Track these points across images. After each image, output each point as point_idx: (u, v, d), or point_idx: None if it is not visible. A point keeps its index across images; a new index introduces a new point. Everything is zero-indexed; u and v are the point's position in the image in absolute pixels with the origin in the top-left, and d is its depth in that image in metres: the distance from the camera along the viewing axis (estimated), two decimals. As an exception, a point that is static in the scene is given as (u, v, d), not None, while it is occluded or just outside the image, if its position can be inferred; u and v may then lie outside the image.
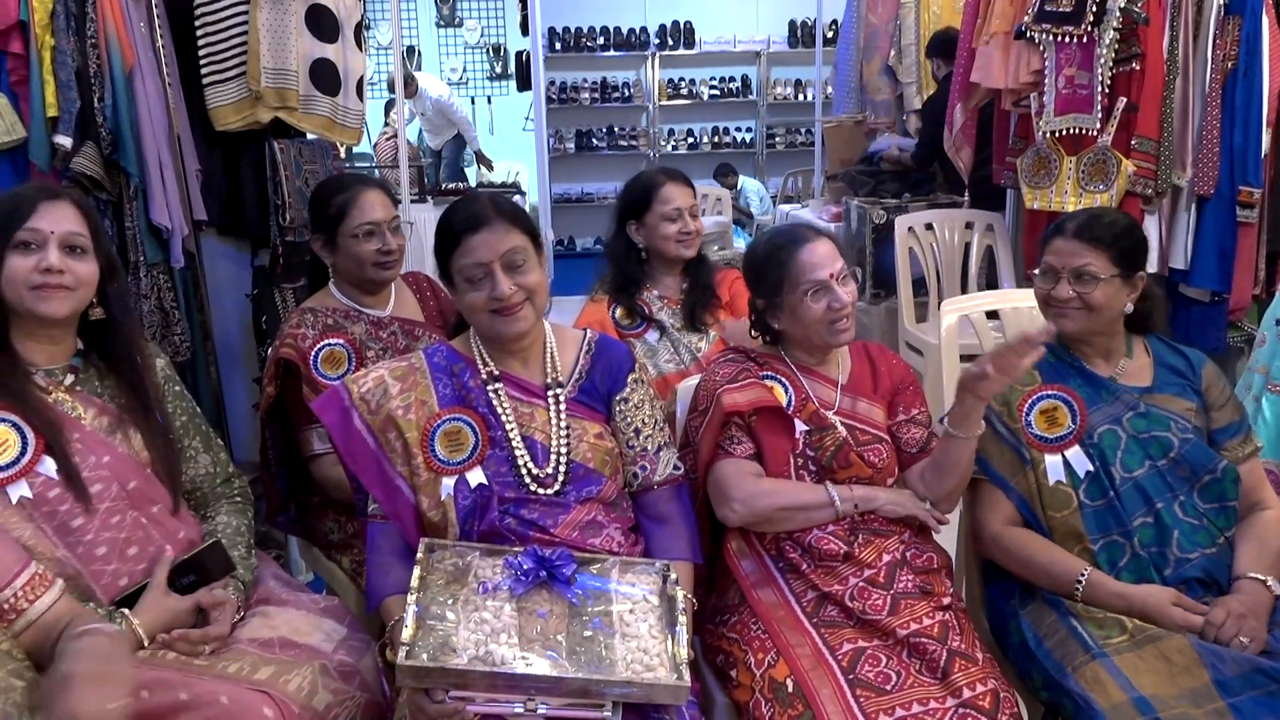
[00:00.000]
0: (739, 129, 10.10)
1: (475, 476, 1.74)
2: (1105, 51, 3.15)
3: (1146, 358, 2.00)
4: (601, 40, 9.69)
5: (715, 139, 10.01)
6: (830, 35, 7.84)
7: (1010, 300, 2.86)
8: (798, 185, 8.08)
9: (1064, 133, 3.31)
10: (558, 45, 9.60)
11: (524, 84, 8.52)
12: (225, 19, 2.78)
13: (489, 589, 1.60)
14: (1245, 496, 1.89)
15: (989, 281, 4.30)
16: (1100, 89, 3.17)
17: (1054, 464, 1.89)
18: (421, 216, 4.89)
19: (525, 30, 6.96)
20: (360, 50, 3.09)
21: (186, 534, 1.79)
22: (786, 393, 1.93)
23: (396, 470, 1.75)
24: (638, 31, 9.67)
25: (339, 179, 2.51)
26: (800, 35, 9.63)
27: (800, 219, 5.40)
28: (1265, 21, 3.07)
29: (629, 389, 1.86)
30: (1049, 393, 1.92)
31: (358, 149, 4.99)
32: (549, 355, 1.85)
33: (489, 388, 1.79)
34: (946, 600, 1.81)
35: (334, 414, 1.78)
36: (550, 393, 1.81)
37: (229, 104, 2.83)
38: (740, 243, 7.31)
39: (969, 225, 4.31)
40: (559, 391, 1.82)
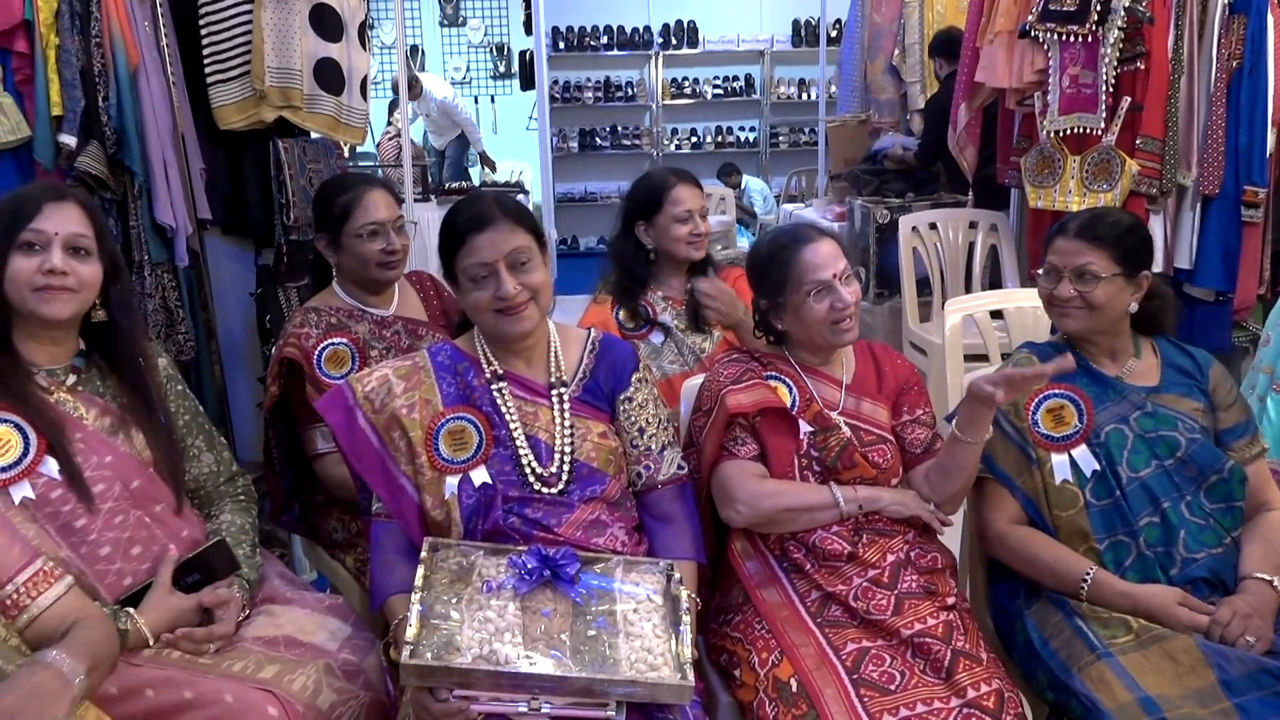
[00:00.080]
0: (742, 128, 10.09)
1: (479, 475, 1.73)
2: (1110, 51, 3.14)
3: (1154, 358, 2.00)
4: (605, 39, 9.68)
5: (719, 138, 10.00)
6: (834, 34, 7.81)
7: (1014, 300, 2.86)
8: (801, 185, 8.07)
9: (1068, 132, 3.30)
10: (561, 44, 9.59)
11: (527, 83, 8.53)
12: (229, 18, 2.78)
13: (493, 588, 1.60)
14: (1251, 497, 1.88)
15: (993, 281, 4.29)
16: (1104, 88, 3.16)
17: (1060, 463, 1.89)
18: (425, 216, 4.89)
19: (529, 29, 6.97)
20: (364, 49, 3.09)
21: (190, 533, 1.79)
22: (790, 393, 1.93)
23: (400, 469, 1.75)
24: (641, 31, 9.66)
25: (343, 178, 2.51)
26: (804, 34, 9.62)
27: (804, 218, 5.40)
28: (1270, 20, 3.06)
29: (633, 388, 1.86)
30: (1056, 391, 1.92)
31: (361, 148, 5.00)
32: (553, 354, 1.85)
33: (493, 387, 1.79)
34: (951, 600, 1.80)
35: (338, 413, 1.78)
36: (554, 392, 1.81)
37: (233, 103, 2.83)
38: (744, 242, 7.31)
39: (973, 225, 4.30)
40: (563, 391, 1.82)
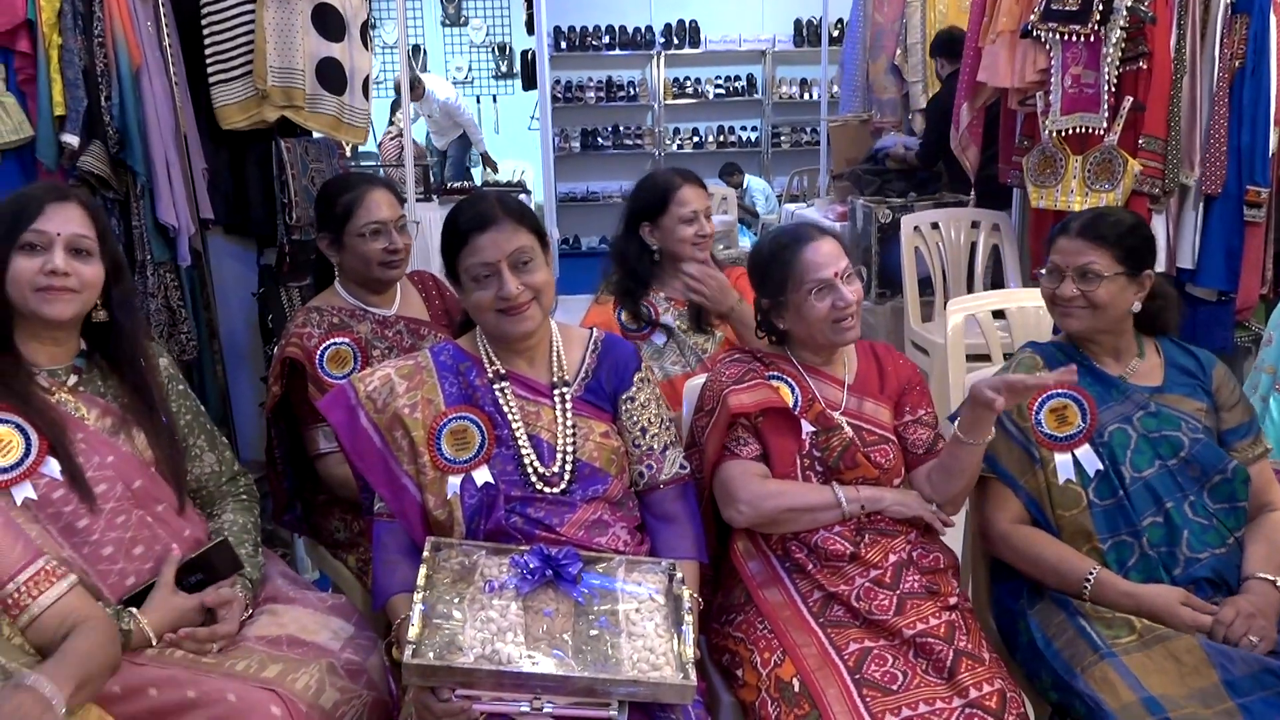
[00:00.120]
0: (744, 128, 10.09)
1: (481, 475, 1.74)
2: (1112, 50, 3.13)
3: (1157, 358, 2.00)
4: (607, 39, 9.68)
5: (720, 138, 10.00)
6: (836, 34, 7.82)
7: (1016, 299, 2.86)
8: (803, 184, 8.07)
9: (1070, 132, 3.30)
10: (563, 44, 9.60)
11: (529, 83, 8.52)
12: (232, 18, 2.78)
13: (495, 588, 1.60)
14: (1255, 497, 1.88)
15: (995, 281, 4.29)
16: (1107, 88, 3.16)
17: (1064, 463, 1.89)
18: (427, 215, 4.88)
19: (531, 29, 6.96)
20: (366, 49, 3.09)
21: (192, 533, 1.79)
22: (793, 393, 1.93)
23: (403, 469, 1.75)
24: (643, 30, 9.66)
25: (345, 178, 2.51)
26: (806, 34, 9.62)
27: (806, 218, 5.40)
28: (1273, 20, 3.06)
29: (635, 388, 1.86)
30: (1059, 391, 1.92)
31: (363, 148, 4.99)
32: (555, 354, 1.85)
33: (495, 386, 1.79)
34: (953, 600, 1.80)
35: (340, 412, 1.78)
36: (556, 391, 1.81)
37: (235, 103, 2.83)
38: (745, 242, 7.31)
39: (975, 224, 4.30)
40: (565, 390, 1.82)
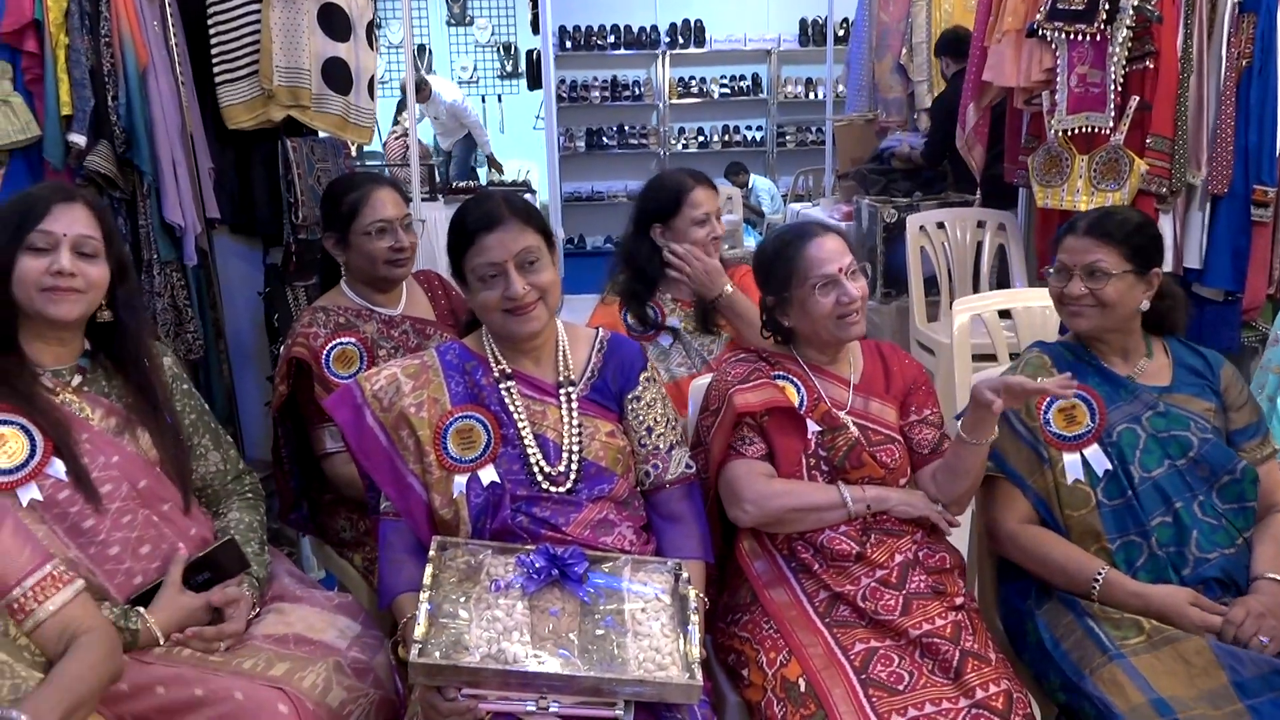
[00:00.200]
0: (749, 127, 10.09)
1: (487, 474, 1.74)
2: (1118, 50, 3.12)
3: (1165, 358, 1.99)
4: (612, 39, 9.69)
5: (726, 138, 10.00)
6: (841, 33, 7.81)
7: (1022, 299, 2.85)
8: (808, 184, 8.07)
9: (1076, 131, 3.29)
10: (568, 44, 9.60)
11: (534, 82, 8.52)
12: (238, 18, 2.78)
13: (501, 587, 1.60)
14: (1263, 498, 1.88)
15: (1001, 280, 4.28)
16: (1113, 87, 3.16)
17: (1072, 462, 1.88)
18: (432, 215, 4.88)
19: (536, 29, 6.96)
20: (372, 49, 3.10)
21: (199, 531, 1.80)
22: (798, 393, 1.93)
23: (409, 468, 1.76)
24: (648, 30, 9.66)
25: (351, 177, 2.52)
26: (811, 33, 9.62)
27: (811, 218, 5.39)
28: (1280, 19, 3.06)
29: (641, 387, 1.86)
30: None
31: (368, 147, 4.99)
32: (561, 354, 1.85)
33: (501, 386, 1.79)
34: (959, 600, 1.80)
35: (346, 411, 1.78)
36: (562, 391, 1.81)
37: (241, 102, 2.83)
38: (751, 242, 7.31)
39: (981, 224, 4.29)
40: (571, 390, 1.82)
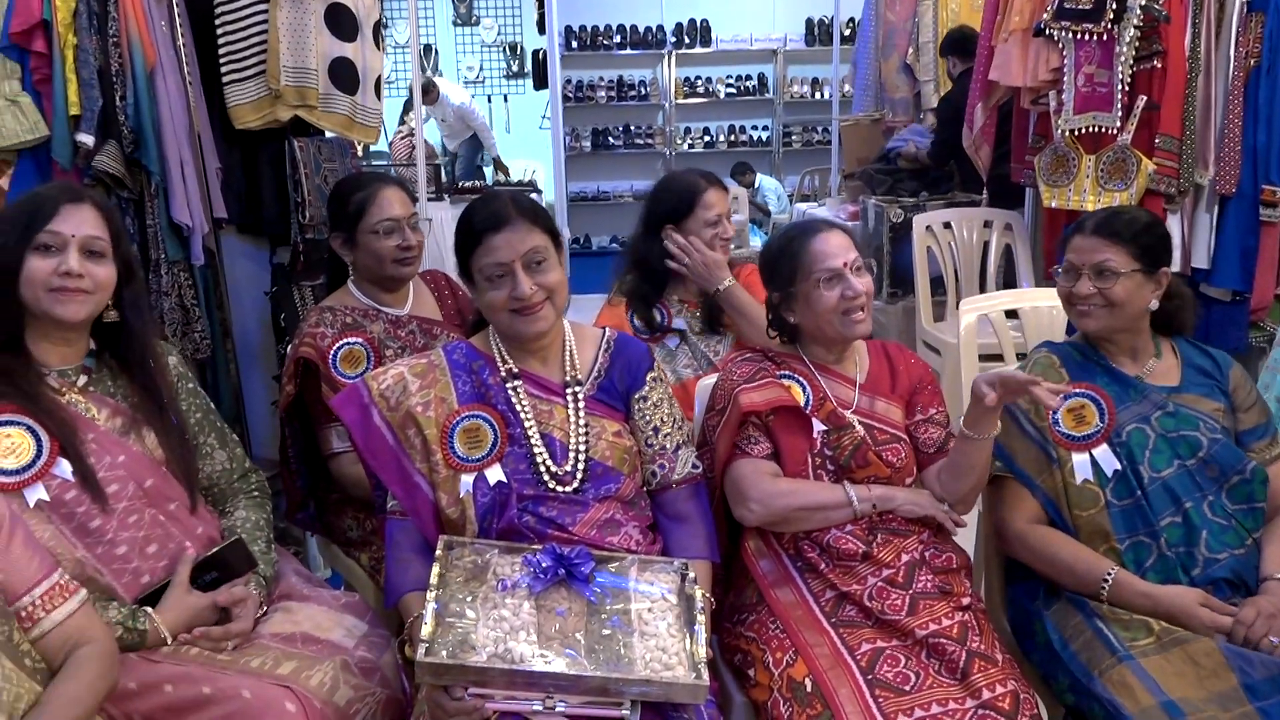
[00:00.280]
0: (755, 127, 10.08)
1: (494, 474, 1.74)
2: (1125, 49, 3.12)
3: (1174, 358, 1.99)
4: (618, 39, 9.68)
5: (732, 137, 9.99)
6: (847, 33, 7.80)
7: (1029, 299, 2.85)
8: (814, 184, 8.06)
9: (1083, 131, 3.28)
10: (574, 44, 9.60)
11: (540, 82, 8.52)
12: (245, 18, 2.79)
13: (508, 586, 1.61)
14: (1273, 498, 1.87)
15: (1007, 280, 4.27)
16: (1120, 87, 3.15)
17: (1081, 462, 1.88)
18: (438, 214, 4.88)
19: (542, 29, 6.96)
20: (379, 49, 3.10)
21: (205, 530, 1.80)
22: (804, 392, 1.92)
23: (415, 467, 1.76)
24: (654, 30, 9.65)
25: (357, 177, 2.52)
26: (817, 33, 9.61)
27: (817, 217, 5.39)
28: (1288, 18, 3.04)
29: (648, 387, 1.86)
30: (1077, 391, 1.91)
31: (374, 147, 5.00)
32: (568, 353, 1.85)
33: (508, 385, 1.80)
34: (966, 600, 1.80)
35: (353, 410, 1.78)
36: (569, 391, 1.82)
37: (249, 102, 2.84)
38: (757, 241, 7.29)
39: (987, 224, 4.29)
40: (578, 390, 1.82)
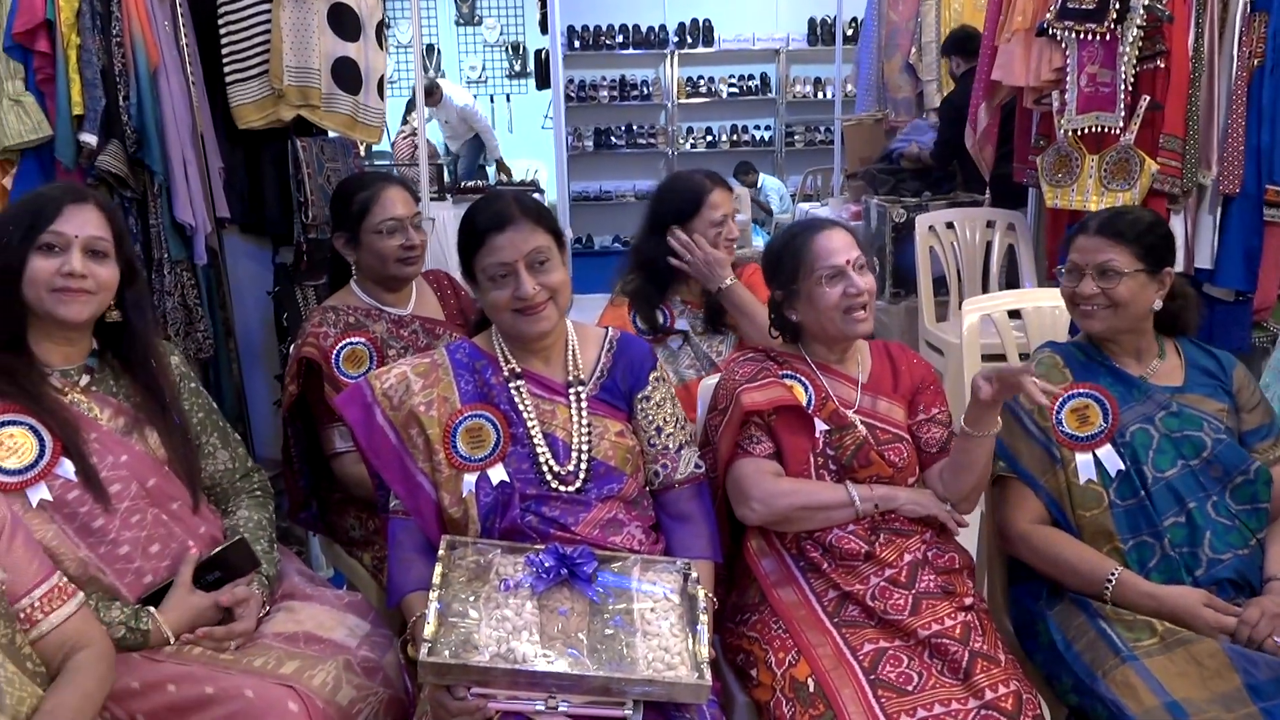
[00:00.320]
0: (758, 127, 10.07)
1: (497, 473, 1.74)
2: (1128, 49, 3.11)
3: (1178, 358, 1.99)
4: (620, 38, 9.68)
5: (734, 137, 9.99)
6: (850, 33, 7.79)
7: (1032, 299, 2.83)
8: (817, 184, 8.05)
9: (1086, 131, 3.28)
10: (577, 43, 9.60)
11: (543, 82, 8.53)
12: (248, 18, 2.79)
13: (510, 586, 1.61)
14: (1276, 499, 1.87)
15: (1010, 281, 4.27)
16: (1123, 87, 3.15)
17: (1085, 462, 1.88)
18: (441, 214, 4.88)
19: (544, 28, 6.97)
20: (381, 49, 3.10)
21: (208, 530, 1.80)
22: (806, 392, 1.92)
23: (418, 466, 1.76)
24: (657, 29, 9.65)
25: (360, 177, 2.52)
26: (820, 33, 9.60)
27: (820, 216, 5.38)
28: (1292, 18, 3.04)
29: (650, 387, 1.86)
30: (1080, 391, 1.91)
31: (376, 147, 5.00)
32: (571, 353, 1.85)
33: (511, 385, 1.80)
34: (969, 601, 1.80)
35: (356, 410, 1.79)
36: (572, 390, 1.82)
37: (252, 102, 2.84)
38: (759, 241, 7.29)
39: (990, 224, 4.28)
40: (580, 389, 1.82)
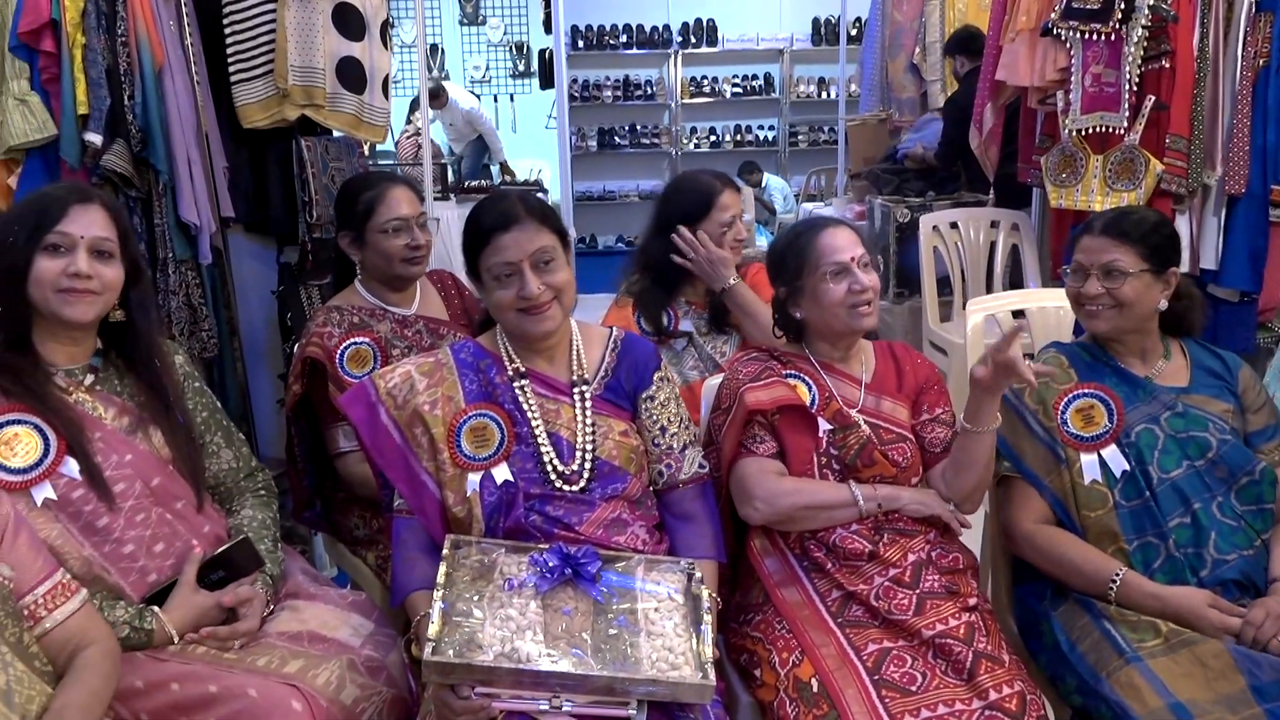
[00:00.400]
0: (761, 127, 10.06)
1: (501, 473, 1.74)
2: (1133, 49, 3.11)
3: (1183, 359, 1.99)
4: (624, 38, 9.67)
5: (738, 137, 9.96)
6: (854, 33, 7.79)
7: (1036, 299, 2.84)
8: (821, 184, 8.04)
9: (1090, 131, 3.28)
10: (580, 43, 9.59)
11: (547, 82, 8.51)
12: (253, 17, 2.79)
13: (514, 586, 1.61)
14: (1281, 501, 1.87)
15: (1014, 281, 4.26)
16: (1128, 87, 3.14)
17: (1090, 463, 1.88)
18: (445, 214, 4.88)
19: (548, 28, 6.96)
20: (386, 49, 3.10)
21: (212, 529, 1.80)
22: (810, 391, 1.92)
23: (422, 465, 1.76)
24: (660, 29, 9.64)
25: (366, 176, 2.53)
26: (824, 33, 9.58)
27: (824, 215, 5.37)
28: (1298, 18, 3.03)
29: (655, 387, 1.86)
30: (1085, 391, 1.91)
31: (380, 147, 5.00)
32: (575, 353, 1.85)
33: (515, 384, 1.80)
34: (973, 601, 1.80)
35: (361, 409, 1.79)
36: (576, 390, 1.82)
37: (256, 102, 2.84)
38: (763, 241, 7.29)
39: (994, 224, 4.28)
40: (584, 389, 1.82)
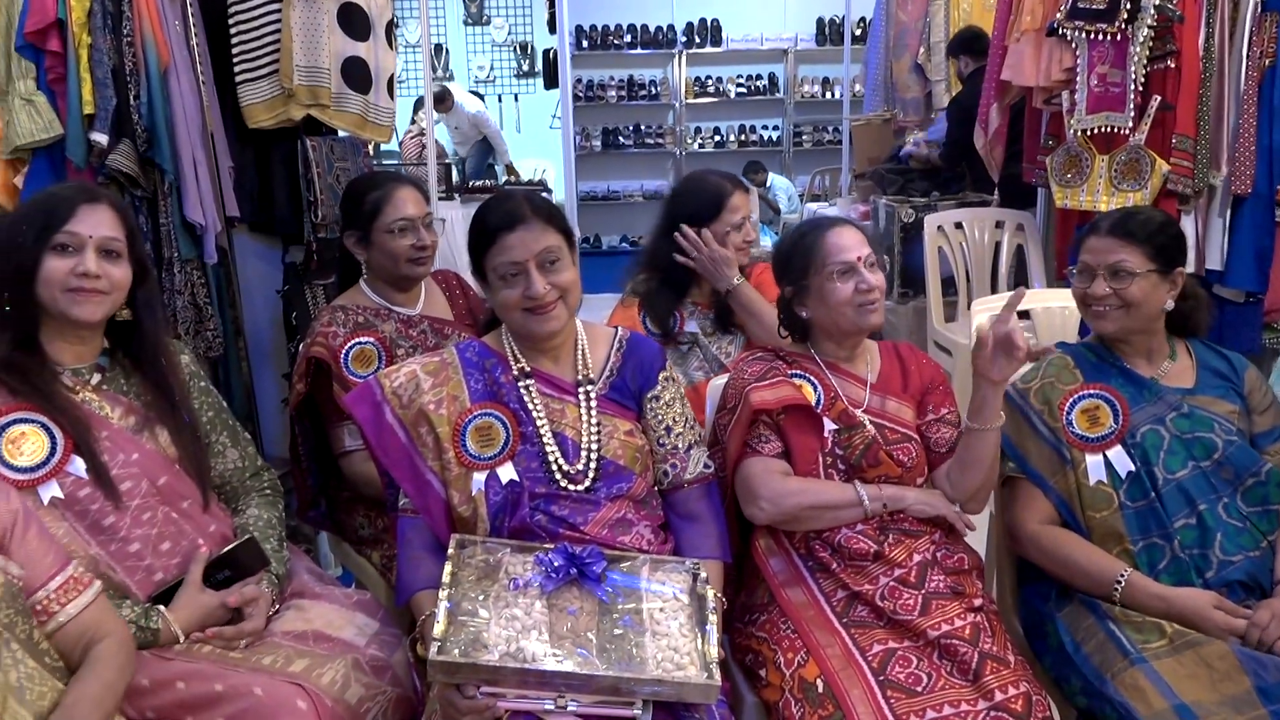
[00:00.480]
0: (766, 127, 10.06)
1: (506, 472, 1.74)
2: (1139, 49, 3.10)
3: (1189, 360, 1.98)
4: (629, 38, 9.68)
5: (742, 137, 9.97)
6: (858, 33, 7.78)
7: (1041, 300, 2.83)
8: (825, 184, 8.04)
9: (1096, 131, 3.27)
10: (585, 43, 9.60)
11: (551, 82, 8.51)
12: (258, 17, 2.80)
13: (520, 585, 1.61)
14: (1287, 501, 1.87)
15: (1019, 281, 4.26)
16: (1133, 87, 3.14)
17: (1095, 463, 1.88)
18: (450, 214, 4.88)
19: (552, 28, 6.96)
20: (391, 49, 3.11)
21: (218, 528, 1.81)
22: (815, 391, 1.92)
23: (428, 465, 1.76)
24: (665, 29, 9.64)
25: (371, 176, 2.53)
26: (828, 33, 9.59)
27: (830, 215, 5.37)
28: (1304, 18, 3.02)
29: (660, 387, 1.86)
30: (1091, 392, 1.91)
31: (385, 146, 5.00)
32: (580, 352, 1.85)
33: (520, 384, 1.80)
34: (978, 601, 1.79)
35: (366, 408, 1.79)
36: (581, 389, 1.82)
37: (261, 101, 2.85)
38: (767, 241, 7.28)
39: (999, 224, 4.28)
40: (590, 388, 1.82)
